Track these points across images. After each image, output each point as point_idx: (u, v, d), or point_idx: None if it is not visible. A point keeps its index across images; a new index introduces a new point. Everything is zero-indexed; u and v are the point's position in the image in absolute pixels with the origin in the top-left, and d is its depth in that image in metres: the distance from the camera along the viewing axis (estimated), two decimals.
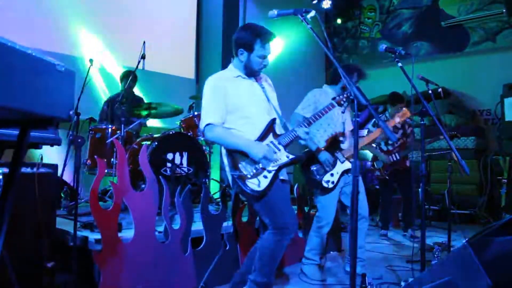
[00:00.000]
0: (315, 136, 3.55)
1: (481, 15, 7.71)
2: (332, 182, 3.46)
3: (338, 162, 3.49)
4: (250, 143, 2.57)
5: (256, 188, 2.53)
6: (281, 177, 2.69)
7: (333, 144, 3.52)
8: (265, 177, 2.56)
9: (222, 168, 5.59)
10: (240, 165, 2.57)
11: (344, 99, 2.84)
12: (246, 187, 2.52)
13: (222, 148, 2.71)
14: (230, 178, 2.64)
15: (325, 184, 3.46)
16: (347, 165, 3.50)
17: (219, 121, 2.64)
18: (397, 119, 3.58)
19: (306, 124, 2.74)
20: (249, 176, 2.55)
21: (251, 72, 2.73)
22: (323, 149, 3.47)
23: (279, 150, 2.65)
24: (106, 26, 6.08)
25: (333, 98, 2.89)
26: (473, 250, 1.91)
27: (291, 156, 2.67)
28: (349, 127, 3.69)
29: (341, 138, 3.54)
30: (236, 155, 2.59)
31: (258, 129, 2.67)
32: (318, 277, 3.55)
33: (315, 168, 3.49)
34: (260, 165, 2.56)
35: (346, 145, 3.59)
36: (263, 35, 2.62)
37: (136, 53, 4.49)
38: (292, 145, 2.76)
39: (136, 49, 4.50)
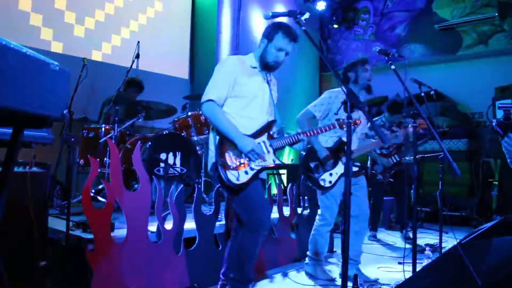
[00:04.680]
0: (323, 136, 3.57)
1: (474, 19, 7.77)
2: (330, 182, 3.47)
3: (340, 163, 3.49)
4: (240, 135, 2.59)
5: (234, 180, 2.55)
6: (260, 177, 2.72)
7: (340, 146, 3.51)
8: (246, 172, 2.58)
9: None
10: (226, 153, 2.59)
11: (345, 124, 2.86)
12: (226, 176, 2.54)
13: (211, 133, 2.72)
14: (210, 164, 2.65)
15: (321, 183, 3.47)
16: None
17: (221, 101, 2.67)
18: (410, 129, 3.56)
19: (306, 135, 2.76)
20: (231, 166, 2.57)
21: (263, 64, 2.75)
22: (326, 149, 3.49)
23: (268, 152, 2.68)
24: (100, 25, 6.07)
25: (337, 120, 2.90)
26: (464, 251, 1.93)
27: (277, 161, 2.70)
28: (361, 130, 3.71)
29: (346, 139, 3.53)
30: (226, 143, 2.60)
31: (253, 124, 2.69)
32: (325, 277, 3.56)
33: (313, 165, 3.50)
34: (245, 160, 2.58)
35: (354, 146, 3.59)
36: (286, 29, 2.65)
37: (130, 52, 4.48)
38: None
39: (131, 49, 4.49)
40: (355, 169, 3.55)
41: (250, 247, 2.64)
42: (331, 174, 3.48)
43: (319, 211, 3.67)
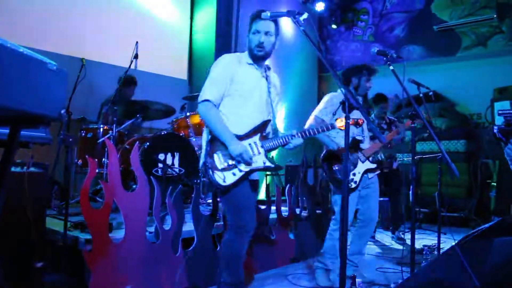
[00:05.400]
0: (335, 138, 3.53)
1: (473, 20, 7.78)
2: (355, 182, 3.45)
3: (359, 162, 3.49)
4: (232, 138, 2.57)
5: (220, 182, 2.54)
6: (250, 177, 2.69)
7: (354, 144, 3.51)
8: (234, 174, 2.57)
9: None
10: (215, 154, 2.58)
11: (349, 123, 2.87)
12: (213, 178, 2.54)
13: (205, 132, 2.72)
14: (201, 164, 2.64)
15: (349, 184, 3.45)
16: (368, 164, 3.51)
17: (217, 101, 2.67)
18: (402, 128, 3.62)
19: (302, 135, 2.73)
20: (219, 168, 2.56)
21: (252, 55, 2.72)
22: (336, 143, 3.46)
23: (259, 153, 2.65)
24: (99, 26, 6.06)
25: (336, 119, 2.88)
26: (462, 252, 1.93)
27: (267, 163, 2.66)
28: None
29: (359, 138, 3.53)
30: (216, 143, 2.59)
31: (246, 124, 2.67)
32: (324, 284, 3.47)
33: (337, 168, 3.49)
34: (233, 162, 2.57)
35: (366, 145, 3.59)
36: (255, 13, 2.65)
37: (129, 53, 4.48)
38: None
39: (129, 49, 4.49)
40: (372, 166, 3.54)
41: (235, 249, 2.62)
42: (354, 174, 3.46)
43: (332, 215, 3.61)
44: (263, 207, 3.89)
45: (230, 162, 2.57)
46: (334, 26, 9.60)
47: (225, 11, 7.31)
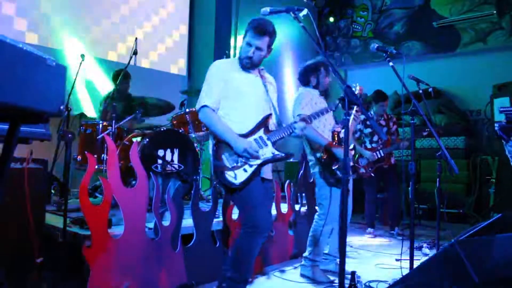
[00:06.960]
0: (318, 128, 3.51)
1: (472, 16, 7.77)
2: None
3: None
4: (234, 136, 2.59)
5: (232, 180, 2.56)
6: (263, 176, 2.72)
7: (338, 140, 3.50)
8: (245, 170, 2.58)
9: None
10: (223, 156, 2.60)
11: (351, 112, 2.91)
12: (224, 178, 2.56)
13: (210, 140, 2.74)
14: (212, 167, 2.66)
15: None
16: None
17: (215, 105, 2.69)
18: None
19: (306, 120, 2.77)
20: (229, 167, 2.58)
21: (241, 62, 2.76)
22: (337, 146, 3.43)
23: (266, 145, 2.67)
24: (99, 22, 6.05)
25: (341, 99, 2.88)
26: (461, 248, 1.93)
27: (276, 153, 2.69)
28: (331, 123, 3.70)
29: (337, 129, 3.53)
30: (221, 145, 2.62)
31: (250, 121, 2.69)
32: (325, 279, 3.47)
33: (336, 167, 3.46)
34: (242, 159, 2.58)
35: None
36: (254, 25, 2.65)
37: (128, 49, 4.47)
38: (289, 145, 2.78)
39: (129, 45, 4.48)
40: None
41: (247, 248, 2.61)
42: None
43: (319, 211, 3.59)
44: None
45: (239, 160, 2.59)
46: (331, 19, 9.58)
47: (225, 6, 7.29)
